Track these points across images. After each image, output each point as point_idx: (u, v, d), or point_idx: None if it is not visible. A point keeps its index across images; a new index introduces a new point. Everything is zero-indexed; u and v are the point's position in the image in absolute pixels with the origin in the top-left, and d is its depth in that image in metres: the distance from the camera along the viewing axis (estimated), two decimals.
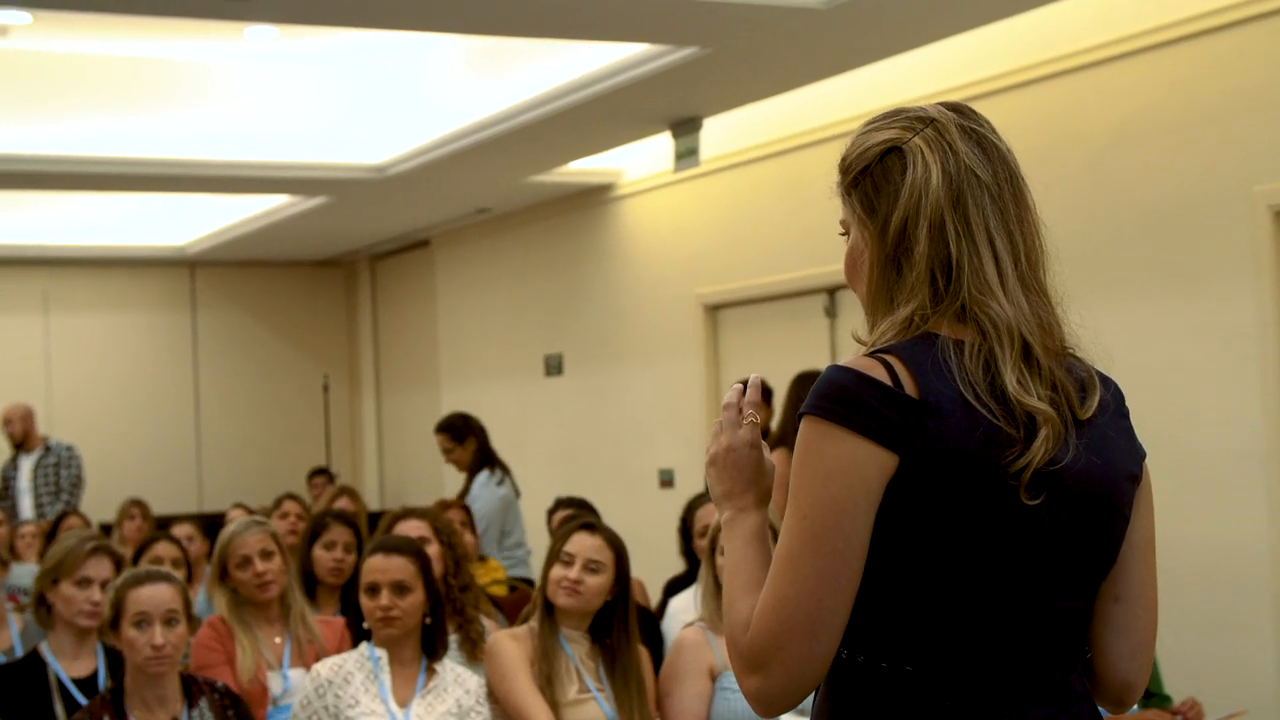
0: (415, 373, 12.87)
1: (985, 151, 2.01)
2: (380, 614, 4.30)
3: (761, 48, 6.77)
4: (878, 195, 2.00)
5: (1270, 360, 5.86)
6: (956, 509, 1.88)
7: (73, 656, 4.60)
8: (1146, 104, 6.36)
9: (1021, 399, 1.90)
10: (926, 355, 1.91)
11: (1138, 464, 2.07)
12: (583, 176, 9.87)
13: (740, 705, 4.47)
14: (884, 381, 1.89)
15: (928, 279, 1.95)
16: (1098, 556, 2.01)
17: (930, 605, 1.91)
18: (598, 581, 4.47)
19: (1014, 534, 1.91)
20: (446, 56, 8.76)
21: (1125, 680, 2.09)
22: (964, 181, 1.96)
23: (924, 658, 1.92)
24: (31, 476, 10.92)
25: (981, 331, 1.93)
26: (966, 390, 1.89)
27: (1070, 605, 1.99)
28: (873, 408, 1.87)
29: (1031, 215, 2.01)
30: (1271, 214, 5.87)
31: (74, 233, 12.25)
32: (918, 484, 1.87)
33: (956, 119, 2.03)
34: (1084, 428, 1.97)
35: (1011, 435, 1.89)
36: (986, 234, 1.95)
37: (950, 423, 1.88)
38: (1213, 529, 6.08)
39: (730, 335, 9.04)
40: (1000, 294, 1.94)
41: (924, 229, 1.95)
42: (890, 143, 2.01)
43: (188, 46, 8.95)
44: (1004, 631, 1.93)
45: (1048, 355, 1.96)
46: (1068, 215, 6.70)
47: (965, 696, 1.92)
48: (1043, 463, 1.89)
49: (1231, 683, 5.95)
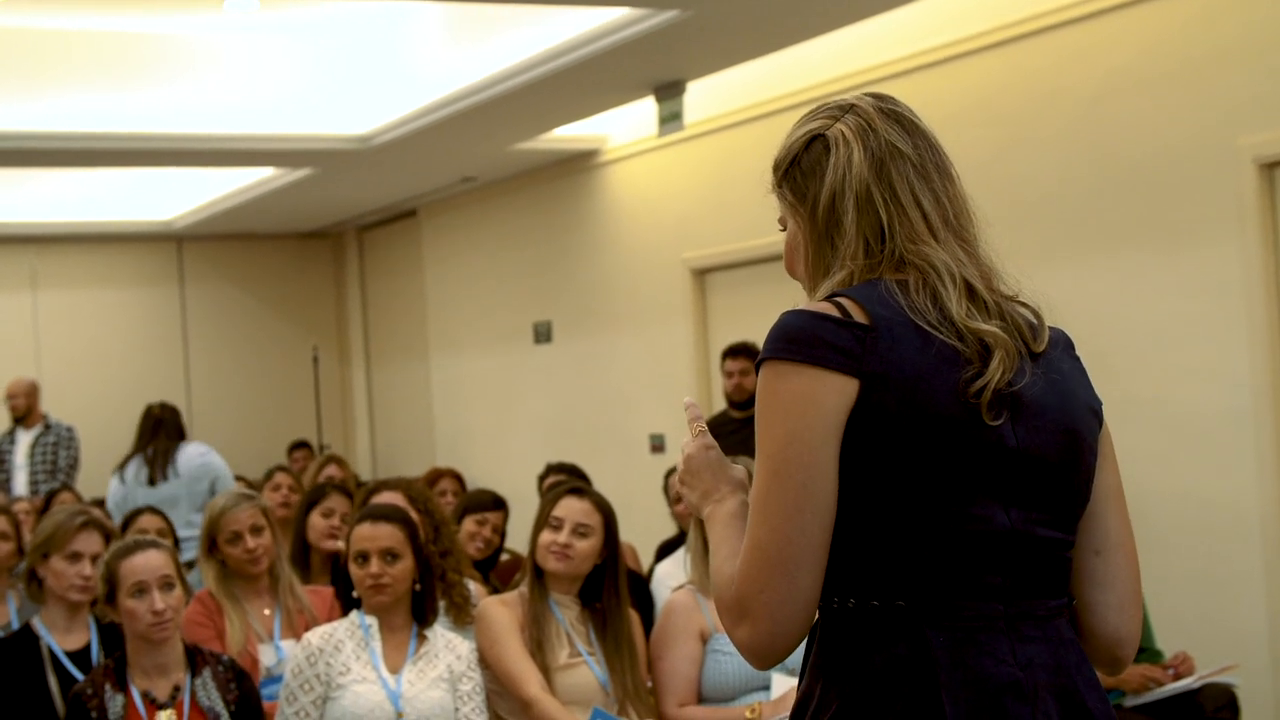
0: (404, 343, 12.87)
1: (905, 128, 2.08)
2: (371, 581, 4.31)
3: (743, 9, 6.75)
4: (806, 181, 2.10)
5: (1257, 314, 5.86)
6: (921, 426, 1.92)
7: (65, 630, 4.61)
8: (1129, 59, 6.35)
9: (970, 324, 1.95)
10: (872, 292, 1.98)
11: (1096, 401, 2.10)
12: (568, 143, 9.84)
13: (730, 667, 4.49)
14: (834, 314, 1.95)
15: (861, 245, 2.03)
16: (1071, 485, 2.03)
17: (911, 533, 1.94)
18: (587, 545, 4.48)
19: (981, 452, 1.94)
20: (428, 25, 8.72)
21: (1117, 635, 2.10)
22: (886, 154, 2.05)
23: (913, 590, 1.94)
24: (28, 453, 10.90)
25: (922, 273, 1.99)
26: (916, 317, 1.95)
27: (1051, 536, 2.00)
28: (825, 340, 1.93)
29: (956, 187, 2.08)
30: (1256, 167, 5.86)
31: (60, 209, 12.21)
32: (880, 406, 1.91)
33: (875, 103, 2.11)
34: (1038, 359, 2.02)
35: (966, 354, 1.94)
36: (913, 197, 2.03)
37: (904, 344, 1.93)
38: (1202, 485, 6.10)
39: (718, 299, 9.04)
40: (933, 242, 2.01)
41: (850, 201, 2.03)
42: (813, 132, 2.11)
43: (168, 20, 8.91)
44: (983, 556, 1.95)
45: (992, 294, 2.02)
46: (1052, 172, 6.70)
47: (952, 628, 1.94)
48: (1001, 384, 1.94)
49: (1222, 637, 5.98)
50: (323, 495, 5.77)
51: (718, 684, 4.51)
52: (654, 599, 5.68)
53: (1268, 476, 5.85)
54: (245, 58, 9.24)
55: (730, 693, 4.51)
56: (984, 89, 7.01)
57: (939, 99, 6.94)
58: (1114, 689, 5.22)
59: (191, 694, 4.12)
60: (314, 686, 4.20)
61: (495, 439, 11.41)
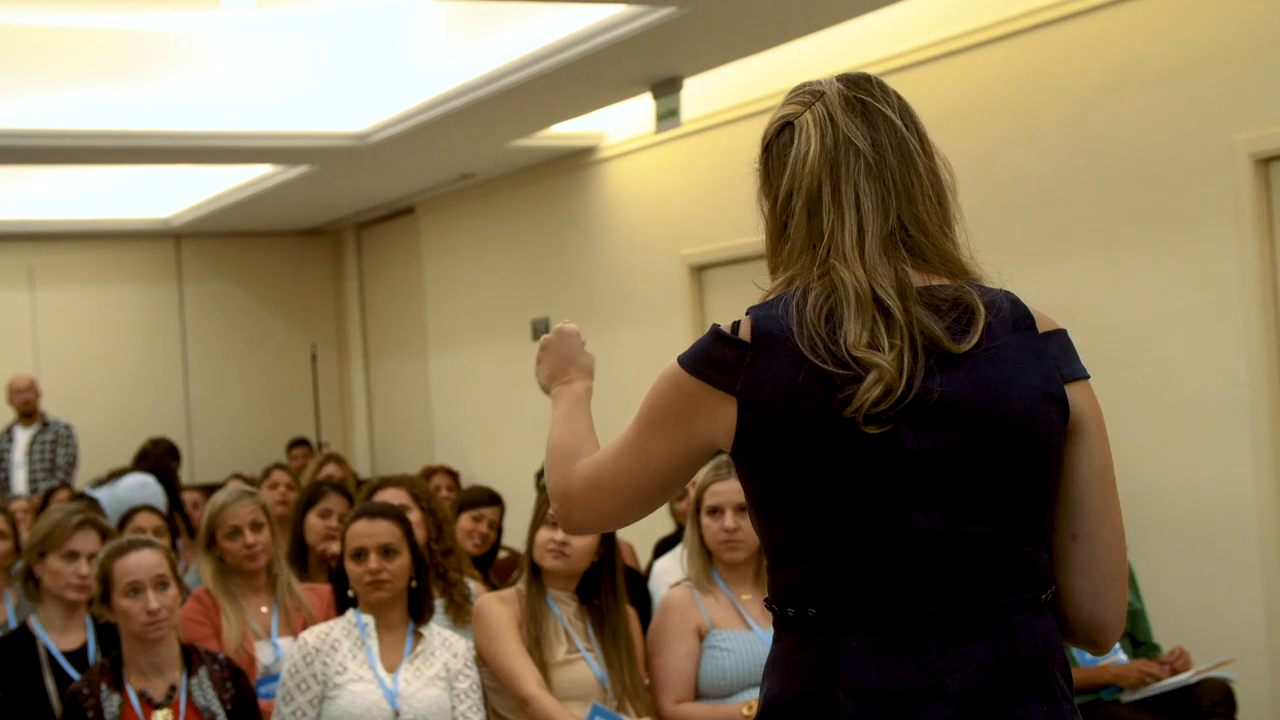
0: (403, 340, 12.87)
1: (868, 119, 2.07)
2: (369, 578, 4.31)
3: (740, 6, 6.75)
4: (772, 169, 2.14)
5: (1253, 308, 5.87)
6: (795, 443, 1.96)
7: (62, 629, 4.61)
8: (1126, 54, 6.35)
9: (855, 351, 1.96)
10: (774, 307, 2.04)
11: (1054, 383, 2.03)
12: (565, 140, 9.84)
13: (728, 664, 4.50)
14: (726, 332, 2.05)
15: (806, 248, 2.07)
16: (1007, 479, 1.99)
17: (814, 541, 1.98)
18: (584, 543, 4.48)
19: (866, 458, 1.95)
20: (426, 22, 8.73)
21: (1093, 620, 2.07)
22: (840, 151, 2.06)
23: (821, 599, 1.98)
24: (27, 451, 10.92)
25: (830, 288, 2.02)
26: (801, 337, 1.98)
27: (982, 531, 1.97)
28: (713, 358, 2.04)
29: (922, 180, 2.07)
30: (1252, 162, 5.86)
31: (58, 207, 12.21)
32: (756, 423, 1.99)
33: (843, 90, 2.10)
34: (965, 359, 1.99)
35: (839, 376, 1.95)
36: (855, 201, 2.04)
37: (777, 359, 1.98)
38: (1198, 478, 6.10)
39: (716, 295, 9.03)
40: (853, 257, 2.02)
41: (800, 202, 2.08)
42: (785, 118, 2.13)
43: (166, 17, 8.91)
44: (898, 560, 1.96)
45: (907, 300, 2.00)
46: (1048, 167, 6.70)
47: (872, 634, 1.95)
48: (882, 405, 1.94)
49: (1219, 632, 5.98)
50: (320, 495, 5.76)
51: (715, 680, 4.51)
52: (652, 596, 5.67)
53: (1264, 470, 5.86)
54: (243, 55, 9.24)
55: (727, 689, 4.51)
56: (980, 85, 7.01)
57: (935, 95, 6.95)
58: (1111, 684, 5.22)
59: (188, 693, 4.12)
60: (311, 686, 4.20)
61: (494, 436, 11.41)
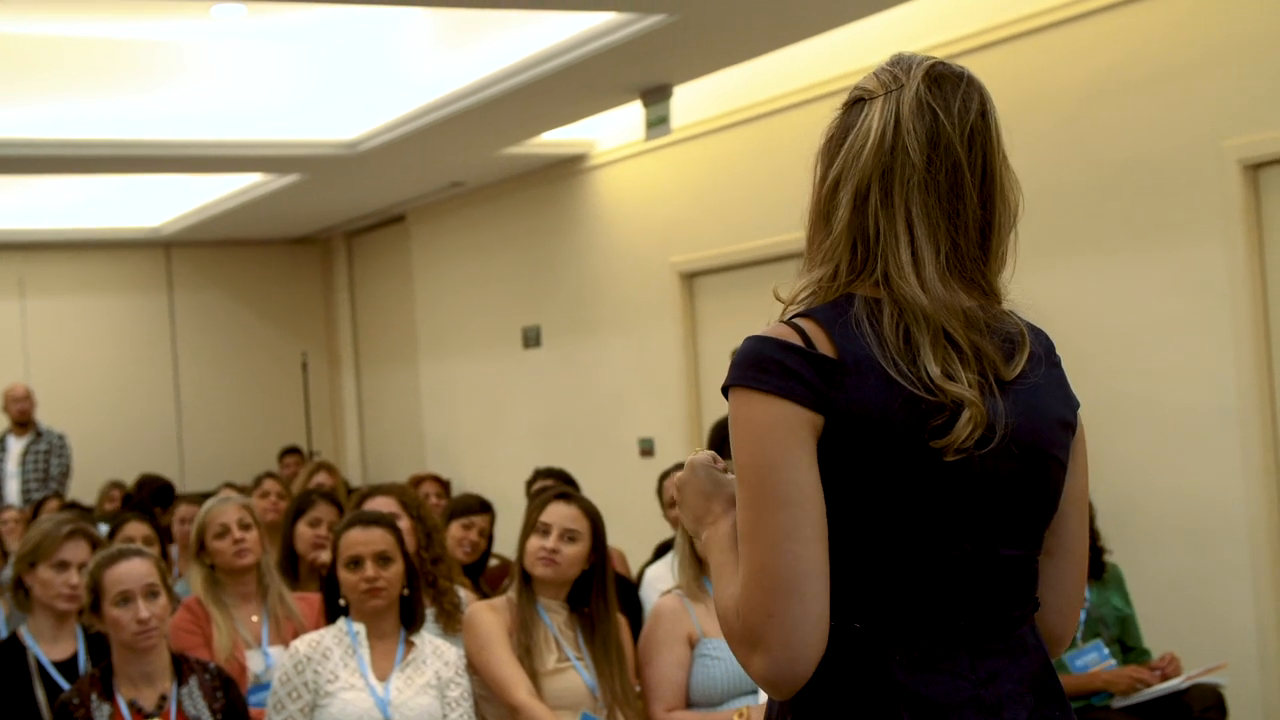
0: (394, 348, 12.86)
1: (933, 134, 1.99)
2: (366, 585, 4.31)
3: (730, 13, 6.75)
4: (831, 144, 2.03)
5: (1242, 315, 5.88)
6: (883, 463, 1.90)
7: (52, 640, 4.60)
8: (1115, 61, 6.36)
9: (945, 386, 1.90)
10: (841, 316, 1.93)
11: (1070, 411, 2.08)
12: (555, 148, 9.85)
13: (719, 671, 4.49)
14: (798, 344, 1.90)
15: (848, 244, 1.97)
16: (1036, 504, 2.03)
17: (868, 559, 1.93)
18: (574, 551, 4.48)
19: (943, 485, 1.92)
20: (415, 31, 8.72)
21: (1053, 634, 2.13)
22: (895, 158, 1.96)
23: (868, 613, 1.94)
24: (20, 461, 10.90)
25: (898, 306, 1.93)
26: (884, 357, 1.90)
27: (1012, 553, 2.00)
28: (792, 370, 1.88)
29: (969, 205, 1.98)
30: (1241, 168, 5.87)
31: (48, 216, 12.20)
32: (844, 440, 1.89)
33: (921, 90, 2.04)
34: (1012, 385, 1.98)
35: (927, 403, 1.89)
36: (906, 217, 1.95)
37: (869, 380, 1.89)
38: (1188, 484, 6.10)
39: (706, 303, 9.04)
40: (914, 279, 1.93)
41: (848, 194, 1.97)
42: (862, 92, 2.04)
43: (156, 26, 8.90)
44: (943, 580, 1.95)
45: (970, 330, 1.95)
46: (1039, 173, 6.70)
47: (912, 648, 1.94)
48: (968, 443, 1.89)
49: (1209, 637, 5.98)
50: (309, 504, 5.75)
51: (706, 688, 4.50)
52: (643, 603, 5.67)
53: (1253, 475, 5.86)
54: (233, 64, 9.23)
55: (718, 697, 4.51)
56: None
57: None
58: (1102, 691, 5.23)
59: (178, 703, 4.11)
60: (302, 694, 4.20)
61: (485, 444, 11.40)
